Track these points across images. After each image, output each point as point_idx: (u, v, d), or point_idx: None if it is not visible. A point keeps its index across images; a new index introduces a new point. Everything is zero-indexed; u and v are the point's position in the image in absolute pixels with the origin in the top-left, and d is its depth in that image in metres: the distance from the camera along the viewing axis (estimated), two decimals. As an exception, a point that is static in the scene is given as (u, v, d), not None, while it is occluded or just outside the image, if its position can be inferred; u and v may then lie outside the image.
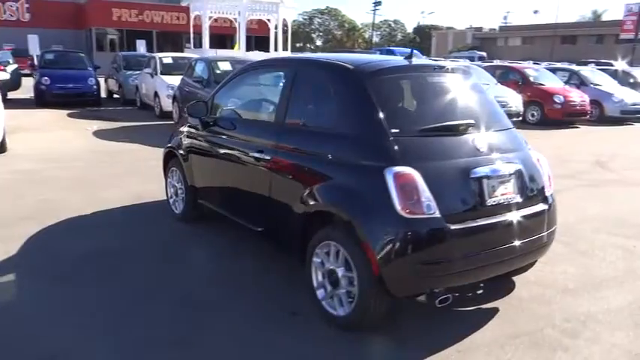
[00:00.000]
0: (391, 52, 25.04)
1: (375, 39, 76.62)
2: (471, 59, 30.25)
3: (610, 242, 4.92)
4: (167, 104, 12.11)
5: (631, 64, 28.42)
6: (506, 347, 3.11)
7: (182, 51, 20.92)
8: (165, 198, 5.66)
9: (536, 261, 3.67)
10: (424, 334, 3.24)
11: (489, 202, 3.14)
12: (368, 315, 3.06)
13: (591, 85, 15.66)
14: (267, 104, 4.17)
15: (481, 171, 3.13)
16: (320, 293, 3.34)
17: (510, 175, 3.27)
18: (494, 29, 71.88)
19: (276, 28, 19.23)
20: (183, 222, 5.05)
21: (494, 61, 26.53)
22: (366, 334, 3.15)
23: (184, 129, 4.91)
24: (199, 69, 10.70)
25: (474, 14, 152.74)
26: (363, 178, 3.06)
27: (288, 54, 19.16)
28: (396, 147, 3.01)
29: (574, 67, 18.34)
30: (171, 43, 27.03)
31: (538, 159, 3.55)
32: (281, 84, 3.83)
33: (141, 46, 23.90)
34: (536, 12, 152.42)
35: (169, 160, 5.24)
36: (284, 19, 19.32)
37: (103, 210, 5.42)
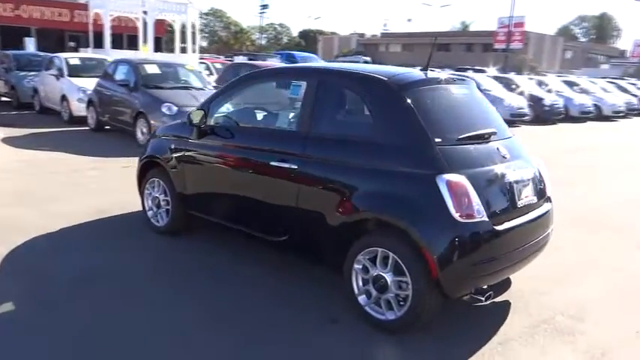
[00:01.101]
0: (292, 57, 25.29)
1: (262, 42, 76.72)
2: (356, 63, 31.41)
3: (572, 236, 5.46)
4: (78, 109, 11.29)
5: (504, 70, 31.45)
6: (536, 336, 3.42)
7: (64, 51, 19.43)
8: (134, 211, 5.38)
9: None
10: (461, 331, 3.45)
11: (519, 204, 3.44)
12: (420, 317, 3.20)
13: (485, 91, 17.05)
14: (284, 113, 4.15)
15: (512, 176, 3.42)
16: (362, 299, 3.42)
17: (529, 179, 3.60)
18: (377, 35, 75.39)
19: (184, 28, 18.61)
20: (167, 235, 4.81)
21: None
22: (409, 335, 3.29)
23: (172, 137, 4.69)
24: (122, 72, 10.11)
25: (357, 20, 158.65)
26: (413, 186, 3.20)
27: (196, 56, 18.66)
28: (442, 155, 3.20)
29: (470, 73, 19.48)
30: (54, 41, 24.89)
31: (539, 163, 3.92)
32: (300, 93, 3.84)
33: (30, 45, 21.74)
34: (409, 20, 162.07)
35: (147, 170, 4.97)
36: (192, 21, 18.77)
37: (70, 227, 5.00)
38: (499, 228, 3.21)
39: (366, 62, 38.84)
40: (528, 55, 55.04)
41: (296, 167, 3.65)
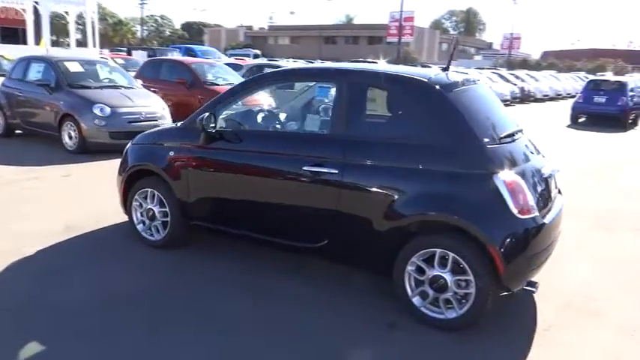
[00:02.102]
0: (191, 51, 24.40)
1: (143, 34, 73.02)
2: (247, 57, 30.84)
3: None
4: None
5: (395, 62, 32.89)
6: (569, 318, 3.66)
7: None
8: (107, 225, 4.95)
9: None
10: (505, 323, 3.57)
11: (552, 196, 3.65)
12: (483, 313, 3.30)
13: None
14: (313, 116, 4.00)
15: (547, 171, 3.62)
16: (417, 300, 3.44)
17: (554, 171, 3.83)
18: (264, 28, 75.06)
19: (82, 20, 17.02)
20: (163, 250, 4.46)
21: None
22: (464, 332, 3.37)
23: (167, 143, 4.34)
24: (38, 71, 9.11)
25: (243, 13, 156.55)
26: (471, 186, 3.27)
27: (97, 50, 17.28)
28: (493, 154, 3.30)
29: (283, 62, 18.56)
30: None
31: (547, 158, 4.19)
32: (330, 95, 3.74)
33: None
34: (292, 13, 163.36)
35: (134, 180, 4.56)
36: (92, 12, 17.23)
37: (48, 248, 4.44)
38: (546, 220, 3.39)
39: (256, 55, 38.59)
40: (410, 47, 58.03)
41: (336, 171, 3.56)
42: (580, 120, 17.62)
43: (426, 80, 3.54)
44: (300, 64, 17.85)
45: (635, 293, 4.17)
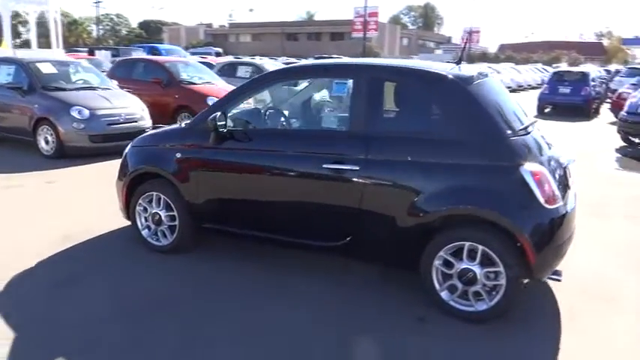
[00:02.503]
0: (155, 50, 23.86)
1: (99, 33, 71.01)
2: (209, 55, 30.15)
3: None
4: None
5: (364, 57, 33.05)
6: (589, 305, 3.72)
7: None
8: (107, 231, 4.78)
9: None
10: (530, 313, 3.59)
11: (570, 185, 3.70)
12: (513, 303, 3.31)
13: None
14: (330, 113, 3.92)
15: (566, 160, 3.67)
16: (445, 294, 3.44)
17: (569, 163, 3.88)
18: (225, 26, 74.12)
19: (41, 20, 16.32)
20: (172, 254, 4.32)
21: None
22: (495, 324, 3.38)
23: (173, 145, 4.20)
24: (8, 73, 8.71)
25: (202, 11, 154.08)
26: (498, 179, 3.27)
27: (61, 51, 16.65)
28: (516, 146, 3.32)
29: (260, 61, 17.09)
30: None
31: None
32: (347, 91, 3.68)
33: None
34: (251, 10, 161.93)
35: (137, 184, 4.40)
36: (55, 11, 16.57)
37: (48, 260, 4.25)
38: (568, 209, 3.43)
39: (218, 54, 38.04)
40: (372, 42, 58.43)
41: (357, 168, 3.51)
42: (546, 110, 18.07)
43: (446, 74, 3.52)
44: (269, 61, 17.49)
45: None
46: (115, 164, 4.78)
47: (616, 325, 3.48)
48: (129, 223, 4.60)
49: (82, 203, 5.81)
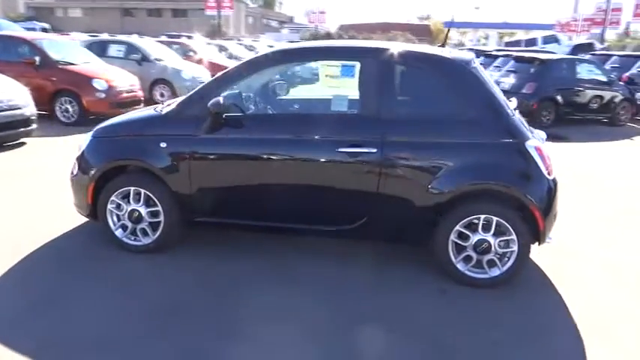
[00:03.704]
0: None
1: None
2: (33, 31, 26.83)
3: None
4: None
5: (213, 36, 32.04)
6: (598, 274, 4.08)
7: None
8: (62, 233, 4.25)
9: None
10: (525, 276, 3.96)
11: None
12: (523, 267, 3.66)
13: (155, 61, 12.81)
14: (338, 96, 3.84)
15: (543, 137, 4.09)
16: (461, 265, 3.67)
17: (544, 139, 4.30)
18: (50, -2, 66.39)
19: None
20: (153, 254, 3.97)
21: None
22: (506, 294, 3.65)
23: (158, 133, 3.82)
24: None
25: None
26: (508, 154, 3.57)
27: None
28: (518, 124, 3.65)
29: (134, 38, 15.05)
30: None
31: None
32: (355, 74, 3.69)
33: None
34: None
35: (108, 179, 3.94)
36: None
37: (9, 271, 3.63)
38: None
39: (44, 30, 34.16)
40: (217, 20, 57.03)
41: (375, 150, 3.56)
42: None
43: (451, 58, 3.71)
44: (150, 40, 16.00)
45: (605, 231, 4.97)
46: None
47: (592, 275, 4.03)
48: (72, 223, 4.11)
49: (4, 203, 5.00)
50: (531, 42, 27.00)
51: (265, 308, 3.33)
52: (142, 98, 10.73)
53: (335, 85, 4.73)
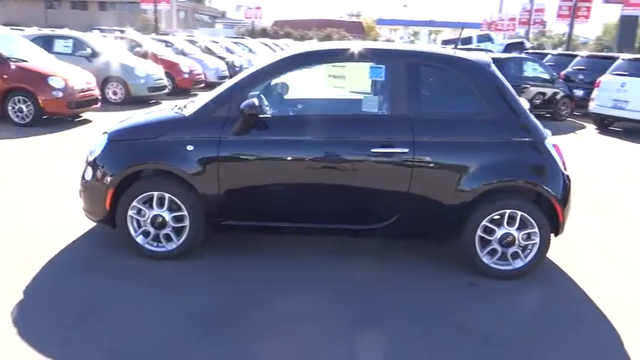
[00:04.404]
0: None
1: None
2: None
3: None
4: None
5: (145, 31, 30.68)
6: (607, 254, 4.48)
7: None
8: (70, 241, 4.09)
9: None
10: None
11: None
12: (544, 257, 3.88)
13: (106, 58, 12.28)
14: (369, 97, 3.89)
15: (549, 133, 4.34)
16: (486, 258, 3.84)
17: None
18: (-40, -13, 61.53)
19: None
20: (178, 261, 3.87)
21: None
22: (530, 285, 3.85)
23: (183, 136, 3.73)
24: None
25: None
26: (531, 152, 3.78)
27: None
28: (537, 124, 3.87)
29: (81, 34, 13.84)
30: None
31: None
32: (382, 76, 3.77)
33: None
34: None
35: (126, 184, 3.80)
36: None
37: (33, 278, 3.44)
38: (566, 173, 4.12)
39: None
40: (148, 14, 55.16)
41: (407, 150, 3.66)
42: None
43: (474, 60, 3.87)
44: (96, 35, 15.24)
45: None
46: None
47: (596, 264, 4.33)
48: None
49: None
50: (467, 40, 28.11)
51: (301, 310, 3.35)
52: (99, 97, 10.27)
53: (340, 86, 4.80)
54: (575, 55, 16.63)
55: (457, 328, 3.22)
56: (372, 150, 3.66)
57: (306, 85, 4.34)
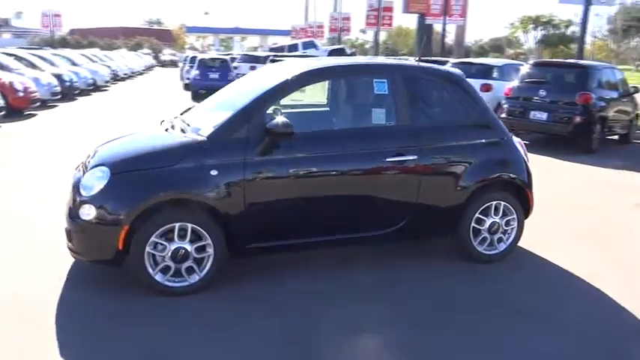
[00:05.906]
0: None
1: None
2: None
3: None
4: None
5: None
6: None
7: None
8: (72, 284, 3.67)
9: None
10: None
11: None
12: (519, 241, 4.53)
13: None
14: (377, 110, 4.08)
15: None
16: (478, 245, 4.36)
17: None
18: None
19: None
20: (204, 289, 3.67)
21: None
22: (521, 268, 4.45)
23: (204, 162, 3.54)
24: None
25: None
26: (505, 149, 4.41)
27: None
28: (503, 125, 4.52)
29: None
30: None
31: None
32: (384, 90, 4.05)
33: None
34: None
35: (141, 220, 3.48)
36: None
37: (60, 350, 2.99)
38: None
39: None
40: None
41: (416, 157, 4.00)
42: (201, 92, 19.31)
43: (457, 72, 4.37)
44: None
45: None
46: None
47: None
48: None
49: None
50: (293, 47, 29.38)
51: (352, 321, 3.47)
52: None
53: (326, 97, 4.89)
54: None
55: (517, 312, 3.65)
56: (387, 159, 3.93)
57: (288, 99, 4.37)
